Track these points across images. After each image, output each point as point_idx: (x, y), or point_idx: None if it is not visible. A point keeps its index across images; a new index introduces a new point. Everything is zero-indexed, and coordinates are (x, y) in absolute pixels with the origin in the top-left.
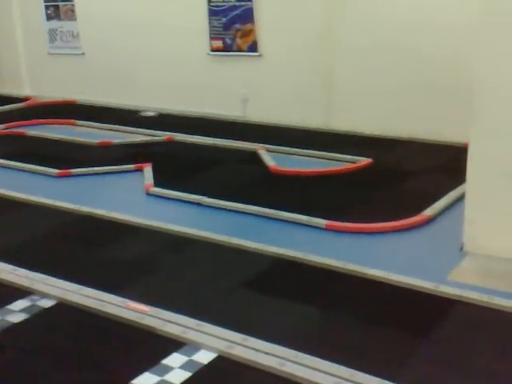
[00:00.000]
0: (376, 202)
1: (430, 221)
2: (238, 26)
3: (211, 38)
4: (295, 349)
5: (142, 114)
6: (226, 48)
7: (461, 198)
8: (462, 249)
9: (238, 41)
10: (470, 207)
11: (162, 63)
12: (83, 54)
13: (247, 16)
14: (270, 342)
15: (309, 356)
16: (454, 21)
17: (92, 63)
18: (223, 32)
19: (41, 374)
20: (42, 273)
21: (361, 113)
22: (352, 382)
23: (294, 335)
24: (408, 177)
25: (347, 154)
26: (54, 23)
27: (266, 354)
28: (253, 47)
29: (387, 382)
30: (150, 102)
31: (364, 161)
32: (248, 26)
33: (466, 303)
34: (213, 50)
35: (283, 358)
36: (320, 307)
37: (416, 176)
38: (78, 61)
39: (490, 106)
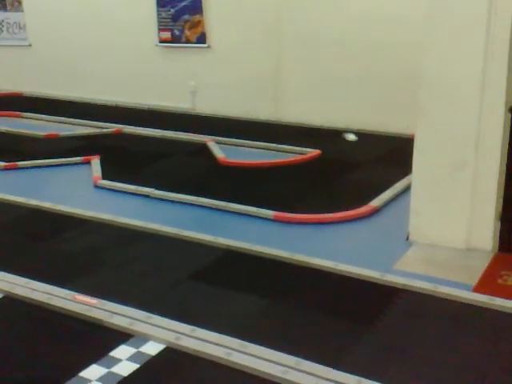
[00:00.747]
0: (324, 193)
1: (376, 211)
2: (186, 17)
3: (159, 30)
4: (243, 339)
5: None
6: (175, 39)
7: (406, 189)
8: (407, 238)
9: (187, 32)
10: (415, 197)
11: (110, 55)
12: (30, 45)
13: (196, 7)
14: (218, 332)
15: (256, 345)
16: (402, 13)
17: (39, 55)
18: (172, 23)
19: None
20: None
21: (309, 104)
22: (298, 370)
23: (242, 325)
24: (355, 168)
25: (296, 146)
26: (1, 14)
27: (214, 344)
28: (201, 39)
29: (332, 369)
30: (98, 94)
31: (312, 152)
32: (197, 17)
33: (411, 292)
34: (161, 42)
35: (230, 348)
36: (267, 297)
37: (363, 167)
38: (25, 52)
39: (436, 99)
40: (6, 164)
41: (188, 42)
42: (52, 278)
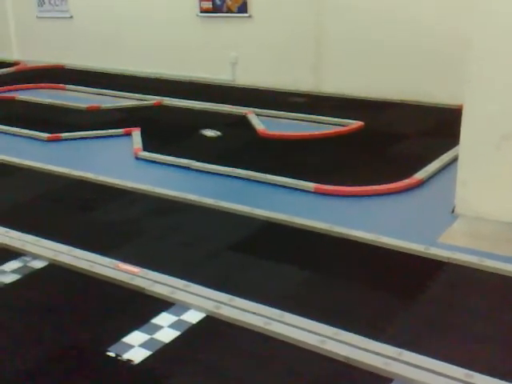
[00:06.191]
0: (367, 165)
1: (421, 184)
2: None
3: None
4: (282, 309)
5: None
6: (216, 9)
7: (453, 162)
8: (453, 211)
9: (228, 1)
10: (462, 168)
11: (151, 26)
12: (71, 17)
13: None
14: (257, 302)
15: (294, 315)
16: None
17: (80, 27)
18: None
19: (32, 334)
20: (33, 235)
21: (352, 75)
22: (336, 340)
23: (281, 296)
24: (399, 140)
25: (338, 117)
26: None
27: (253, 313)
28: (242, 8)
29: (371, 340)
30: (139, 66)
31: (355, 124)
32: None
33: (456, 265)
34: (202, 11)
35: (269, 318)
36: (307, 269)
37: (408, 139)
38: (67, 24)
39: (484, 67)
40: (50, 135)
41: (229, 11)
42: (95, 247)
